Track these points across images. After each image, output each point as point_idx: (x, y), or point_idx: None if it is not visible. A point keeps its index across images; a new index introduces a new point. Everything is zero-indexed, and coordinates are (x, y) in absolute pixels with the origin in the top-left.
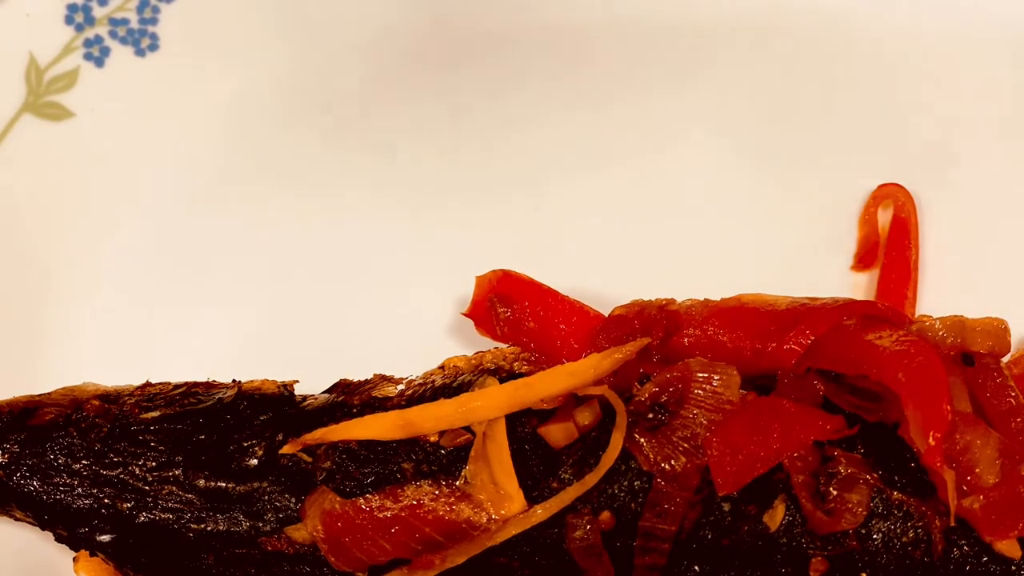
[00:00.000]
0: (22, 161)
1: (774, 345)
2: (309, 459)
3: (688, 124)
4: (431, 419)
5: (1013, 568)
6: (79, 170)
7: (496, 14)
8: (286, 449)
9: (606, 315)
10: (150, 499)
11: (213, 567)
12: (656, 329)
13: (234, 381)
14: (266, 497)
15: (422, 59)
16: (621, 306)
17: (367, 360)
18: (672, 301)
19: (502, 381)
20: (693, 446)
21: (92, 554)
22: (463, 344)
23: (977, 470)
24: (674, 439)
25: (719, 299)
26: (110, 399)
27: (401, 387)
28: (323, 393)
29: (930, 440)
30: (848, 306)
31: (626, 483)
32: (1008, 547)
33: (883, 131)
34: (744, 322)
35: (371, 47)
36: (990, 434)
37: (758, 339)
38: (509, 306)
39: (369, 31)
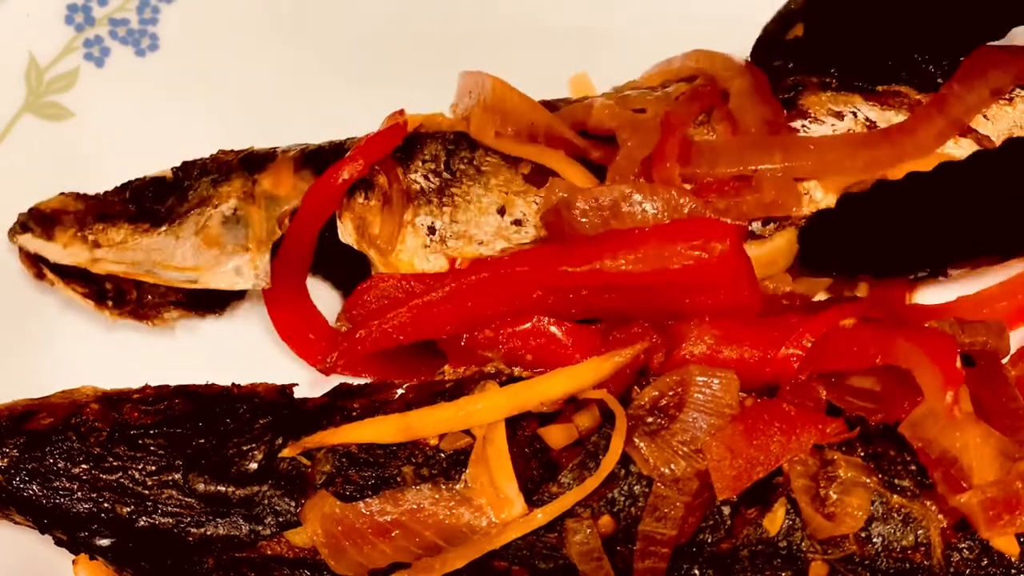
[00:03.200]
0: (22, 161)
1: (774, 352)
2: (308, 463)
3: None
4: (431, 422)
5: (1013, 572)
6: (79, 170)
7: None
8: (286, 452)
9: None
10: (150, 503)
11: (213, 571)
12: (656, 349)
13: (233, 384)
14: (266, 501)
15: (425, 57)
16: (619, 328)
17: None
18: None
19: (502, 385)
20: (693, 450)
21: (92, 558)
22: None
23: (977, 468)
24: (674, 443)
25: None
26: (109, 402)
27: (401, 391)
28: (323, 396)
29: (948, 398)
30: (846, 308)
31: (626, 487)
32: (1006, 544)
33: None
34: (743, 332)
35: (373, 46)
36: (991, 433)
37: (758, 347)
38: (493, 349)
39: (371, 30)
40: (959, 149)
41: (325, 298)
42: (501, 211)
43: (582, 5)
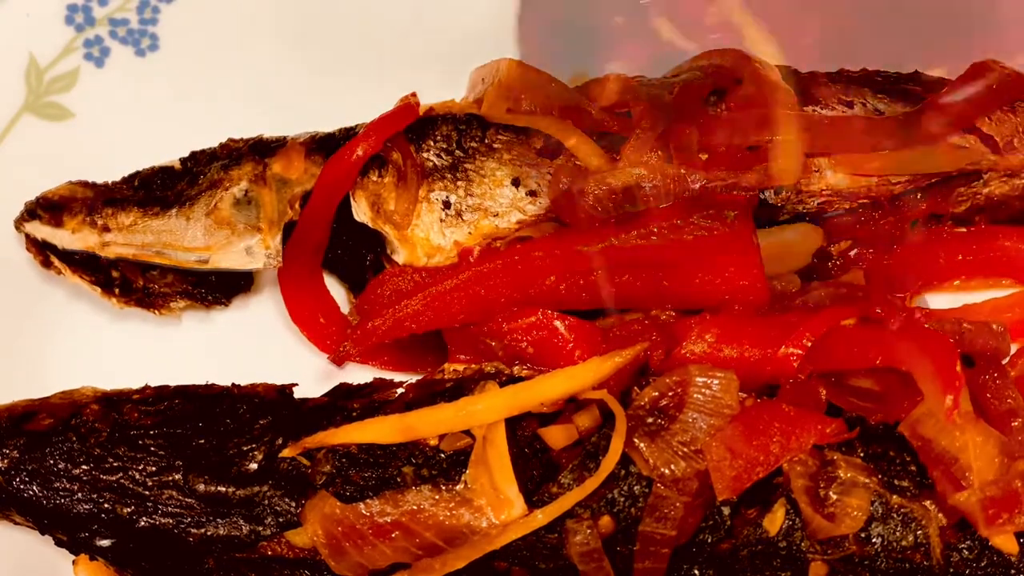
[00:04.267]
0: (22, 161)
1: (774, 351)
2: (308, 463)
3: None
4: (431, 423)
5: (1012, 571)
6: (79, 170)
7: None
8: (286, 453)
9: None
10: (150, 504)
11: (213, 571)
12: (656, 347)
13: (233, 385)
14: (266, 501)
15: (427, 58)
16: (620, 325)
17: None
18: (670, 315)
19: (502, 385)
20: (693, 451)
21: (92, 558)
22: None
23: (977, 467)
24: (674, 444)
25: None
26: (109, 403)
27: (401, 391)
28: (322, 397)
29: (947, 402)
30: (847, 308)
31: (626, 488)
32: (1005, 542)
33: None
34: (744, 330)
35: (375, 46)
36: (990, 432)
37: (758, 346)
38: (496, 339)
39: (373, 29)
40: (964, 143)
41: (332, 294)
42: (515, 183)
43: (583, 5)
